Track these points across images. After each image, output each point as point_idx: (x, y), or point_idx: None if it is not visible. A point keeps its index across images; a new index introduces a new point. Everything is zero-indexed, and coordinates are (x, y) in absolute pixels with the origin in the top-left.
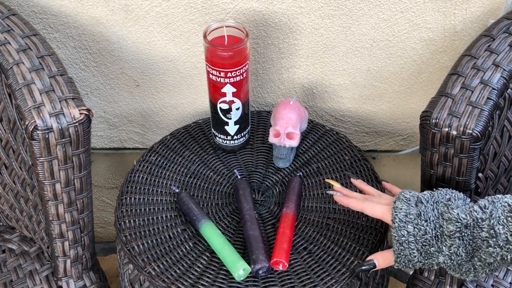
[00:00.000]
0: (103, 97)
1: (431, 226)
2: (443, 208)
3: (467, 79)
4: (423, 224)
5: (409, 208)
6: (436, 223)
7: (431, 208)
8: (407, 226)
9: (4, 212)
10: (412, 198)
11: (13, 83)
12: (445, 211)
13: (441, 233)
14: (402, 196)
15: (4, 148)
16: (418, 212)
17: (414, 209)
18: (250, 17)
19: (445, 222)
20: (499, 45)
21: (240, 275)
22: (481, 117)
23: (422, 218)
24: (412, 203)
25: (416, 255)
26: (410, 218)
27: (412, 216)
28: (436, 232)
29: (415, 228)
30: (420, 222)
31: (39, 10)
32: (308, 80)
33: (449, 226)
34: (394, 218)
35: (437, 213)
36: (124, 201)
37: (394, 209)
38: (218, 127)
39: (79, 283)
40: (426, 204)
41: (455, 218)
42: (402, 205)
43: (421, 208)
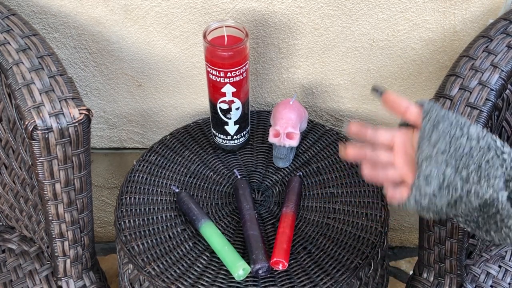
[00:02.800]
0: (103, 97)
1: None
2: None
3: (465, 80)
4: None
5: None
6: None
7: None
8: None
9: (4, 212)
10: None
11: (12, 83)
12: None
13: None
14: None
15: (4, 148)
16: None
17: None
18: (250, 17)
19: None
20: (497, 46)
21: (240, 275)
22: (479, 118)
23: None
24: None
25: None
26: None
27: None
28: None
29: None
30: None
31: (38, 10)
32: (308, 80)
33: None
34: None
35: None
36: (124, 201)
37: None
38: (218, 127)
39: (79, 283)
40: None
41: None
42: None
43: None
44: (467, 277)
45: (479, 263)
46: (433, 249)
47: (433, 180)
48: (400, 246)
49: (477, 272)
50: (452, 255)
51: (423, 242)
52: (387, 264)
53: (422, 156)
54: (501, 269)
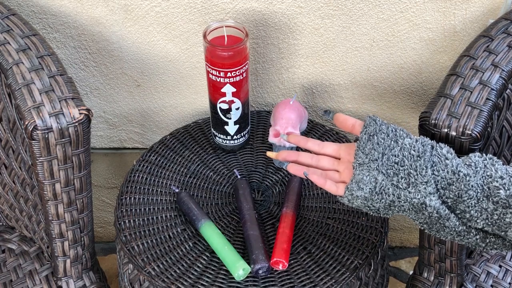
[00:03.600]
0: (103, 97)
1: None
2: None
3: (466, 79)
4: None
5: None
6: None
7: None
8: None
9: (4, 212)
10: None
11: (12, 83)
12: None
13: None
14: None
15: (4, 148)
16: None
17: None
18: (250, 17)
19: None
20: (498, 46)
21: (240, 275)
22: (480, 117)
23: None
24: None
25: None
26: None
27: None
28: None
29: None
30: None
31: (38, 10)
32: (308, 80)
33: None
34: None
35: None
36: (124, 201)
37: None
38: (218, 127)
39: (79, 283)
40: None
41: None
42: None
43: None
44: (468, 277)
45: (480, 262)
46: (433, 249)
47: (365, 185)
48: (400, 246)
49: (477, 272)
50: (452, 254)
51: (424, 241)
52: (387, 264)
53: (356, 164)
54: (502, 268)
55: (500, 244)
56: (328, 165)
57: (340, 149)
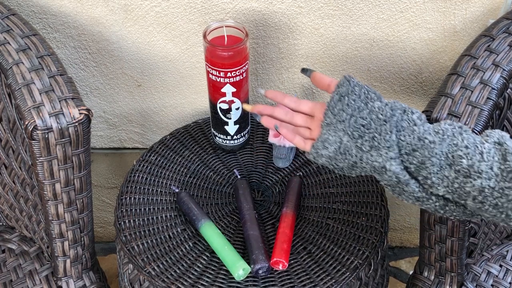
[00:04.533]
0: (103, 97)
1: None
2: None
3: (466, 79)
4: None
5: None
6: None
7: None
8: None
9: (4, 212)
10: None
11: (12, 83)
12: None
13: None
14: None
15: (4, 148)
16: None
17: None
18: (250, 17)
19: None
20: (498, 45)
21: (240, 275)
22: (480, 117)
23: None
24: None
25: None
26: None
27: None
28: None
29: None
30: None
31: (38, 10)
32: (308, 80)
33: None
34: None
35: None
36: (124, 201)
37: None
38: (218, 127)
39: (79, 283)
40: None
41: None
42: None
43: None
44: (468, 276)
45: (480, 262)
46: (433, 248)
47: (330, 145)
48: (400, 246)
49: (477, 271)
50: (452, 253)
51: (424, 240)
52: (387, 264)
53: (324, 123)
54: (502, 268)
55: (460, 212)
56: (300, 122)
57: (315, 107)
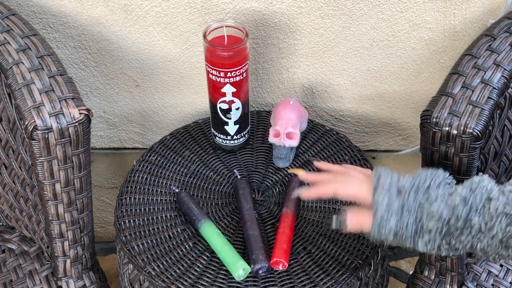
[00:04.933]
0: (103, 97)
1: (412, 219)
2: (423, 197)
3: (467, 78)
4: (406, 216)
5: (391, 199)
6: (417, 215)
7: (412, 198)
8: (390, 222)
9: (4, 212)
10: (392, 186)
11: (12, 83)
12: (425, 202)
13: (421, 227)
14: (378, 184)
15: (4, 148)
16: (402, 203)
17: (396, 202)
18: (250, 17)
19: (424, 216)
20: (500, 45)
21: (240, 275)
22: (481, 116)
23: (405, 209)
24: (394, 193)
25: (391, 241)
26: (392, 211)
27: (395, 208)
28: (416, 225)
29: (398, 222)
30: (404, 214)
31: (38, 10)
32: (308, 80)
33: (429, 224)
34: (376, 212)
35: (416, 204)
36: (124, 201)
37: (375, 202)
38: (218, 127)
39: (79, 283)
40: (408, 194)
41: (436, 215)
42: (382, 196)
43: (404, 198)
44: (468, 276)
45: (481, 261)
46: None
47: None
48: (400, 246)
49: (478, 271)
50: None
51: None
52: (387, 264)
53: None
54: (503, 268)
55: None
56: None
57: None
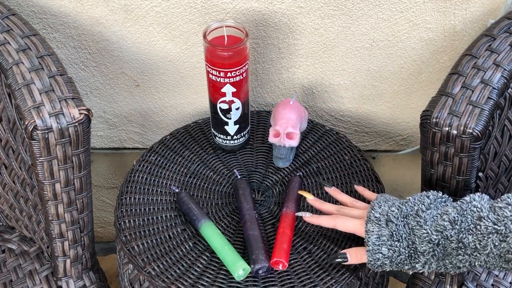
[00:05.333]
0: (103, 97)
1: (404, 244)
2: (413, 222)
3: (467, 78)
4: (396, 245)
5: (381, 230)
6: (409, 240)
7: (402, 225)
8: (381, 249)
9: (4, 212)
10: (382, 217)
11: (12, 83)
12: (415, 226)
13: (414, 250)
14: (372, 217)
15: (4, 148)
16: (390, 232)
17: (385, 230)
18: (250, 17)
19: (417, 239)
20: (499, 45)
21: (240, 275)
22: (481, 116)
23: (394, 239)
24: (383, 223)
25: (388, 268)
26: (383, 241)
27: (384, 237)
28: (409, 250)
29: (389, 250)
30: (394, 243)
31: (38, 10)
32: (308, 80)
33: (422, 245)
34: (367, 241)
35: (408, 229)
36: (124, 201)
37: (367, 232)
38: (218, 127)
39: (79, 283)
40: (396, 222)
41: (426, 238)
42: (374, 227)
43: (392, 227)
44: (468, 276)
45: None
46: None
47: None
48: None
49: (478, 271)
50: None
51: None
52: None
53: None
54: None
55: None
56: None
57: None
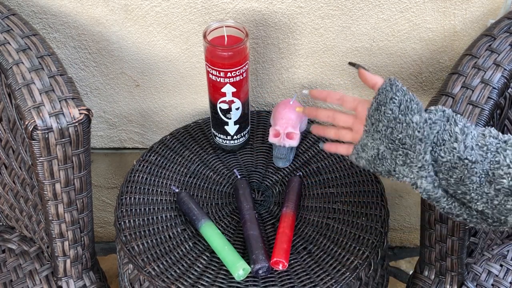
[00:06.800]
0: (103, 97)
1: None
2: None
3: (467, 78)
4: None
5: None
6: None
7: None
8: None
9: (4, 212)
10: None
11: (12, 83)
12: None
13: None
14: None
15: (4, 148)
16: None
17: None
18: (250, 17)
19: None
20: (499, 45)
21: (240, 275)
22: (481, 116)
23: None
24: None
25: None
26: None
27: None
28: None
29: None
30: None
31: (38, 10)
32: (308, 80)
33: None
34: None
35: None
36: (124, 201)
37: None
38: (218, 127)
39: (79, 283)
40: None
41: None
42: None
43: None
44: (468, 276)
45: (481, 261)
46: (434, 247)
47: (369, 150)
48: (400, 246)
49: (478, 271)
50: (453, 253)
51: (425, 240)
52: (387, 264)
53: (364, 129)
54: (503, 268)
55: (498, 226)
56: (342, 123)
57: (359, 105)
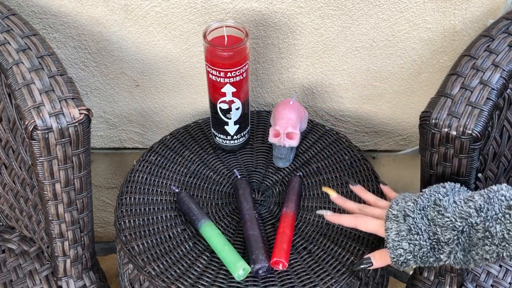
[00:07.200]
0: (103, 97)
1: (425, 237)
2: (433, 213)
3: (466, 79)
4: (416, 238)
5: (399, 225)
6: (429, 231)
7: (419, 217)
8: (402, 244)
9: (4, 212)
10: (400, 213)
11: (12, 83)
12: (435, 216)
13: (437, 241)
14: (390, 214)
15: (4, 148)
16: (408, 227)
17: (403, 225)
18: (250, 17)
19: (439, 229)
20: (498, 45)
21: (240, 275)
22: (480, 117)
23: (413, 232)
24: (401, 219)
25: (413, 264)
26: (402, 236)
27: (403, 232)
28: (431, 242)
29: (410, 244)
30: (413, 236)
31: (38, 10)
32: (308, 80)
33: (445, 234)
34: (387, 239)
35: (427, 220)
36: (124, 201)
37: (386, 230)
38: (218, 127)
39: (79, 283)
40: (413, 215)
41: (450, 225)
42: (392, 224)
43: (409, 221)
44: (468, 277)
45: None
46: None
47: None
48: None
49: (477, 272)
50: None
51: None
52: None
53: None
54: (502, 268)
55: None
56: None
57: None
